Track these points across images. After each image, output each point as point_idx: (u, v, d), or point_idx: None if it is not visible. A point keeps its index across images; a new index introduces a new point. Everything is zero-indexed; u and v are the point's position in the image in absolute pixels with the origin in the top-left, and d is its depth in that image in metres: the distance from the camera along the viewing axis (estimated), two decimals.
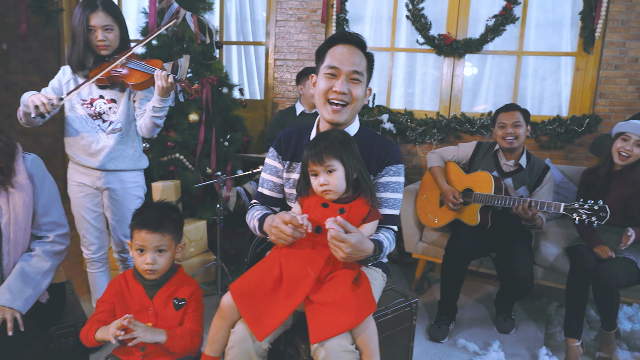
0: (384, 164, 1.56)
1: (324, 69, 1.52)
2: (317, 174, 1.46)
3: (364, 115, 3.79)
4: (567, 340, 2.30)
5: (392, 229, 1.57)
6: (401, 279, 3.30)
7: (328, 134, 1.50)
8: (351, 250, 1.26)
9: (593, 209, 2.11)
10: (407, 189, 3.07)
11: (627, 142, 2.35)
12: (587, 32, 3.53)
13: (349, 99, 1.52)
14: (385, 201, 1.56)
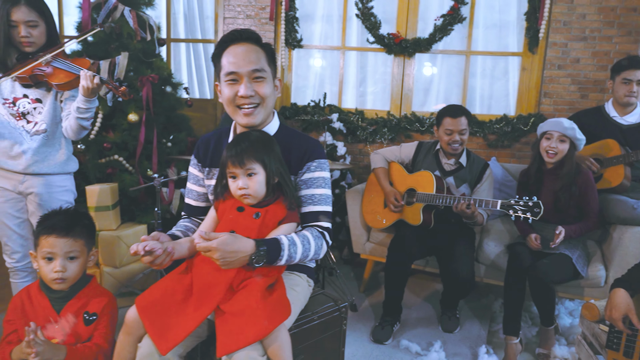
0: (304, 161, 1.50)
1: (224, 76, 1.45)
2: (235, 176, 1.40)
3: (315, 115, 3.75)
4: (506, 338, 2.32)
5: (319, 226, 1.50)
6: (350, 280, 3.27)
7: (249, 135, 1.44)
8: (220, 254, 1.21)
9: (528, 205, 2.13)
10: (354, 190, 3.05)
11: (550, 140, 2.40)
12: (531, 33, 3.59)
13: (258, 100, 1.45)
14: (309, 198, 1.50)
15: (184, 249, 1.38)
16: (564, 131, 2.37)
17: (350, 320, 2.68)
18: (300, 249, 1.39)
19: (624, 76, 2.68)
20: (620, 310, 1.50)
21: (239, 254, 1.25)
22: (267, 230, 1.40)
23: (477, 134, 3.67)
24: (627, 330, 1.50)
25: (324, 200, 1.51)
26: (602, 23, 3.46)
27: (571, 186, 2.39)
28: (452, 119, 2.55)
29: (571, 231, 2.35)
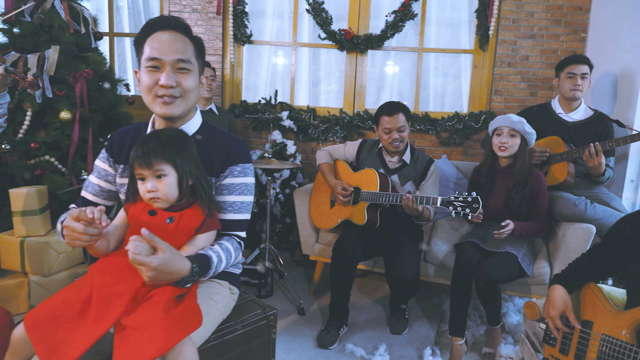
0: (227, 164, 1.40)
1: (144, 61, 1.32)
2: (144, 178, 1.28)
3: (266, 113, 3.64)
4: (451, 339, 2.28)
5: (238, 235, 1.42)
6: (301, 282, 3.18)
7: (160, 133, 1.32)
8: (154, 274, 1.10)
9: (467, 201, 2.10)
10: (302, 190, 2.96)
11: (501, 135, 2.39)
12: (482, 30, 3.59)
13: (180, 92, 1.34)
14: (230, 205, 1.40)
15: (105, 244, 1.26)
16: (512, 125, 2.35)
17: (297, 324, 2.59)
18: (224, 263, 1.34)
19: (569, 70, 2.70)
20: (557, 308, 1.47)
21: (174, 275, 1.16)
22: (181, 236, 1.29)
23: (429, 132, 3.64)
24: (564, 328, 1.47)
25: (244, 208, 1.43)
26: (549, 21, 3.49)
27: (523, 186, 2.37)
28: (389, 117, 2.48)
29: (520, 228, 2.33)
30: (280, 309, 2.77)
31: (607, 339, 1.28)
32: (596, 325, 1.35)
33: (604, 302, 1.37)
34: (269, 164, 2.74)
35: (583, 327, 1.39)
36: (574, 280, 1.50)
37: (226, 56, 3.74)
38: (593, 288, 1.44)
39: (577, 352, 1.39)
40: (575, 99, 2.75)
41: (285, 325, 2.57)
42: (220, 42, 3.66)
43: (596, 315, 1.38)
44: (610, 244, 1.44)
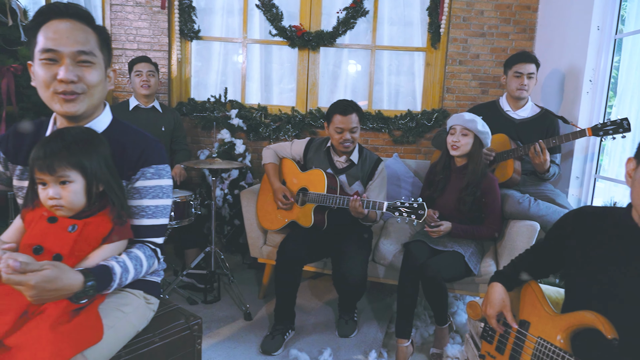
0: (138, 165, 1.28)
1: (38, 53, 1.18)
2: (45, 183, 1.16)
3: (215, 111, 3.51)
4: (397, 340, 2.23)
5: (152, 242, 1.31)
6: (252, 286, 3.08)
7: (65, 133, 1.17)
8: (35, 293, 0.98)
9: (412, 207, 2.05)
10: (249, 190, 2.86)
11: (454, 134, 2.35)
12: (433, 28, 3.58)
13: (82, 88, 1.20)
14: (142, 210, 1.29)
15: None
16: (464, 124, 2.32)
17: (242, 330, 2.49)
18: (132, 274, 1.21)
19: (516, 69, 2.70)
20: (495, 306, 1.43)
21: (61, 292, 1.03)
22: (85, 246, 1.16)
23: (382, 130, 3.61)
24: (499, 329, 1.43)
25: (159, 212, 1.31)
26: (499, 20, 3.51)
27: (475, 189, 2.33)
28: (342, 116, 2.39)
29: (460, 230, 2.31)
30: (225, 314, 2.66)
31: (541, 343, 1.24)
32: (533, 326, 1.32)
33: (543, 303, 1.34)
34: (213, 163, 2.63)
35: (520, 327, 1.35)
36: (514, 277, 1.46)
37: (172, 52, 3.59)
38: (534, 287, 1.40)
39: (512, 353, 1.35)
40: (521, 98, 2.76)
41: (229, 332, 2.47)
42: (165, 38, 3.51)
43: (534, 316, 1.34)
44: (551, 241, 1.41)
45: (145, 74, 2.97)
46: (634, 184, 1.08)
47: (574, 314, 1.19)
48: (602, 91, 2.88)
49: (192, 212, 2.67)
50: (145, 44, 3.51)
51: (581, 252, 1.25)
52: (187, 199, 2.61)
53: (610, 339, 1.07)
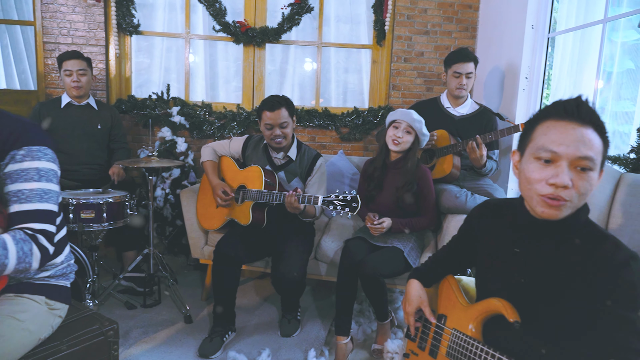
0: (6, 149, 1.19)
1: None
2: None
3: (156, 109, 3.40)
4: (336, 337, 2.22)
5: (29, 228, 1.19)
6: (196, 287, 3.00)
7: None
8: None
9: (346, 200, 2.03)
10: (189, 190, 2.78)
11: (398, 129, 2.35)
12: (379, 26, 3.60)
13: None
14: (14, 195, 1.19)
15: None
16: (411, 122, 2.32)
17: (181, 334, 2.41)
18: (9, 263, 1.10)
19: (455, 69, 2.73)
20: (413, 303, 1.42)
21: None
22: None
23: (329, 127, 3.59)
24: (417, 324, 1.43)
25: (36, 196, 1.21)
26: (442, 18, 3.56)
27: (412, 185, 2.35)
28: (270, 112, 2.34)
29: (400, 224, 2.31)
30: (165, 317, 2.57)
31: (455, 334, 1.25)
32: (449, 319, 1.32)
33: (458, 295, 1.34)
34: (149, 162, 2.53)
35: (438, 322, 1.35)
36: (431, 273, 1.47)
37: (110, 47, 3.45)
38: (450, 281, 1.41)
39: (431, 348, 1.35)
40: (460, 97, 2.80)
41: (167, 336, 2.38)
42: (102, 32, 3.36)
43: (450, 309, 1.34)
44: (462, 236, 1.42)
45: (76, 73, 2.82)
46: (520, 175, 1.10)
47: (483, 302, 1.20)
48: (537, 88, 2.97)
49: (128, 213, 2.57)
50: (80, 38, 3.36)
51: (485, 243, 1.27)
52: (121, 199, 2.50)
53: (512, 322, 1.09)
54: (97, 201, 2.39)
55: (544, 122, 1.05)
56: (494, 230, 1.25)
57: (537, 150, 1.03)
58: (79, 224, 2.34)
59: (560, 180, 0.98)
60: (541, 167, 1.02)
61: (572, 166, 0.99)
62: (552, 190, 1.00)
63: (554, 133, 1.01)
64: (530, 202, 1.07)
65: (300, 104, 3.72)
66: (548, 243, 1.09)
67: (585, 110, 1.00)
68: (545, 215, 1.03)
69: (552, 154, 1.00)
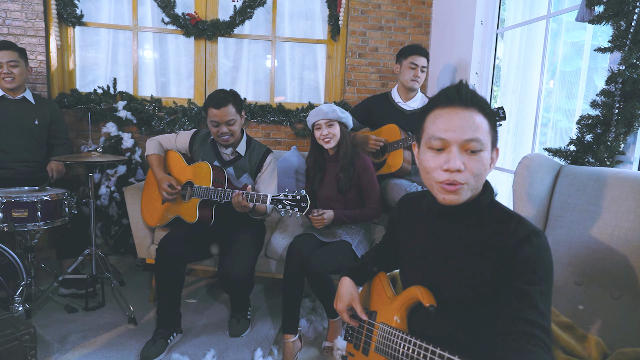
0: None
1: None
2: None
3: (102, 103, 3.26)
4: (284, 336, 2.17)
5: None
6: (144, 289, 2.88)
7: None
8: None
9: (295, 199, 1.98)
10: (134, 186, 2.67)
11: (320, 129, 2.35)
12: (333, 21, 3.56)
13: None
14: None
15: None
16: (326, 116, 2.32)
17: (124, 337, 2.31)
18: None
19: (411, 60, 2.72)
20: (344, 300, 1.39)
21: None
22: None
23: (284, 123, 3.54)
24: (351, 321, 1.39)
25: None
26: (396, 14, 3.56)
27: (349, 167, 2.34)
28: (216, 109, 2.26)
29: (343, 215, 2.29)
30: (108, 320, 2.46)
31: (383, 328, 1.22)
32: (379, 314, 1.29)
33: (387, 289, 1.32)
34: (89, 157, 2.41)
35: (370, 319, 1.32)
36: (362, 270, 1.45)
37: (50, 39, 3.28)
38: (381, 277, 1.39)
39: (364, 346, 1.32)
40: (413, 89, 2.80)
41: (108, 339, 2.28)
42: (41, 22, 3.18)
43: (379, 305, 1.32)
44: (388, 232, 1.41)
45: (6, 65, 2.65)
46: (419, 166, 1.12)
47: (404, 292, 1.19)
48: (487, 84, 3.01)
49: (67, 212, 2.44)
50: (17, 28, 3.17)
51: (404, 236, 1.27)
52: (58, 197, 2.37)
53: (428, 306, 1.09)
54: (31, 199, 2.25)
55: (432, 111, 1.08)
56: (411, 223, 1.26)
57: (429, 139, 1.06)
58: (9, 223, 2.20)
59: (452, 164, 1.01)
60: (435, 155, 1.05)
61: (463, 149, 1.02)
62: (448, 176, 1.02)
63: (440, 121, 1.03)
64: (432, 191, 1.10)
65: (254, 99, 3.65)
66: (457, 228, 1.11)
67: (465, 93, 1.03)
68: (447, 201, 1.05)
69: (441, 141, 1.03)
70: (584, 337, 1.41)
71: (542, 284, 0.95)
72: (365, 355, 1.29)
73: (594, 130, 1.93)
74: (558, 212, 1.81)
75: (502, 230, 1.03)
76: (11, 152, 2.73)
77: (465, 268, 1.07)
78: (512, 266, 0.98)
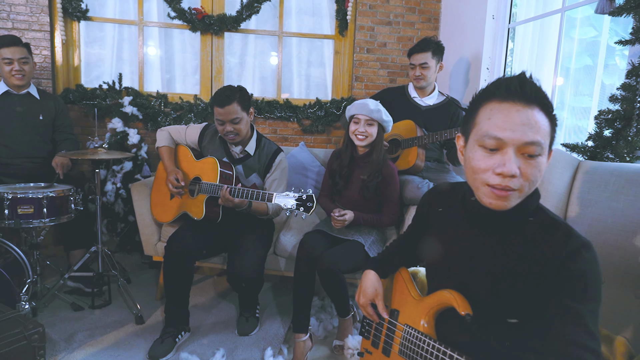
0: None
1: None
2: None
3: (107, 99, 3.22)
4: (294, 335, 2.13)
5: None
6: (151, 287, 2.85)
7: None
8: None
9: (301, 199, 1.93)
10: (141, 183, 2.63)
11: (358, 124, 2.27)
12: (341, 15, 3.52)
13: None
14: None
15: None
16: (370, 114, 2.23)
17: (131, 336, 2.27)
18: None
19: (410, 61, 2.72)
20: (367, 295, 1.35)
21: None
22: None
23: (291, 119, 3.49)
24: (374, 317, 1.35)
25: None
26: (404, 9, 3.51)
27: (377, 174, 2.28)
28: (220, 108, 2.19)
29: (362, 219, 2.25)
30: (115, 319, 2.42)
31: (407, 330, 1.18)
32: (401, 314, 1.25)
33: (410, 288, 1.27)
34: (96, 154, 2.37)
35: (390, 317, 1.28)
36: (386, 263, 1.39)
37: (56, 33, 3.24)
38: (403, 273, 1.34)
39: (384, 346, 1.28)
40: (421, 87, 2.75)
41: (116, 338, 2.24)
42: (46, 17, 3.15)
43: (402, 304, 1.27)
44: (415, 223, 1.35)
45: (17, 62, 2.61)
46: (465, 163, 1.03)
47: (433, 295, 1.14)
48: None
49: (72, 209, 2.40)
50: (22, 22, 3.13)
51: (435, 231, 1.20)
52: (64, 193, 2.33)
53: (464, 315, 1.02)
54: (37, 195, 2.22)
55: (486, 103, 0.97)
56: (443, 218, 1.18)
57: (481, 137, 0.95)
58: (15, 219, 2.16)
59: (508, 169, 0.91)
60: (487, 156, 0.95)
61: (519, 152, 0.92)
62: (500, 181, 0.93)
63: (498, 117, 0.93)
64: (477, 192, 1.00)
65: (261, 95, 3.60)
66: (497, 232, 1.03)
67: (530, 88, 0.92)
68: (493, 206, 0.97)
69: (497, 141, 0.92)
70: (609, 337, 1.37)
71: (593, 302, 0.88)
72: (386, 356, 1.25)
73: (614, 125, 1.88)
74: (577, 208, 1.76)
75: (549, 239, 0.95)
76: (15, 148, 2.70)
77: (504, 276, 1.00)
78: (561, 281, 0.91)
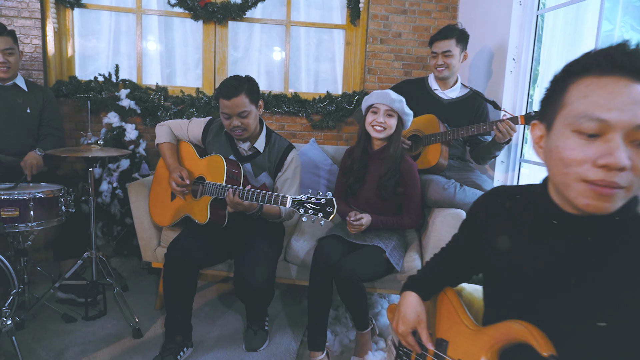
0: None
1: None
2: None
3: (103, 92, 2.99)
4: (310, 353, 1.91)
5: None
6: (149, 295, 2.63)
7: None
8: None
9: (320, 203, 1.70)
10: (139, 182, 2.41)
11: (377, 114, 2.05)
12: (352, 4, 3.29)
13: None
14: None
15: None
16: (391, 104, 2.02)
17: (128, 352, 2.05)
18: None
19: (432, 49, 2.55)
20: (408, 322, 1.12)
21: None
22: None
23: (299, 114, 3.27)
24: (417, 348, 1.13)
25: None
26: None
27: (395, 172, 2.06)
28: (227, 100, 1.97)
29: (380, 222, 2.03)
30: (110, 332, 2.21)
31: None
32: (451, 346, 1.03)
33: (461, 315, 1.05)
34: (87, 151, 2.14)
35: (437, 349, 1.06)
36: (429, 282, 1.17)
37: (47, 22, 3.01)
38: (449, 295, 1.12)
39: None
40: (443, 78, 2.53)
41: (110, 355, 2.02)
42: (37, 3, 2.91)
43: (452, 333, 1.05)
44: (465, 234, 1.13)
45: (2, 53, 2.37)
46: (548, 156, 0.81)
47: (499, 326, 0.91)
48: (526, 70, 2.73)
49: (63, 211, 2.18)
50: (10, 9, 2.90)
51: (495, 243, 0.97)
52: (54, 194, 2.11)
53: (547, 356, 0.79)
54: (22, 197, 1.99)
55: (580, 79, 0.75)
56: (507, 227, 0.95)
57: (577, 119, 0.74)
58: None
59: (617, 159, 0.70)
60: (584, 143, 0.73)
61: (628, 139, 0.71)
62: (603, 175, 0.71)
63: (599, 94, 0.72)
64: (567, 192, 0.77)
65: (268, 89, 3.38)
66: (586, 244, 0.81)
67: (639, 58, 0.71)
68: (592, 209, 0.74)
69: (599, 123, 0.71)
70: None
71: None
72: None
73: None
74: None
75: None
76: (0, 143, 2.47)
77: (598, 300, 0.78)
78: None
